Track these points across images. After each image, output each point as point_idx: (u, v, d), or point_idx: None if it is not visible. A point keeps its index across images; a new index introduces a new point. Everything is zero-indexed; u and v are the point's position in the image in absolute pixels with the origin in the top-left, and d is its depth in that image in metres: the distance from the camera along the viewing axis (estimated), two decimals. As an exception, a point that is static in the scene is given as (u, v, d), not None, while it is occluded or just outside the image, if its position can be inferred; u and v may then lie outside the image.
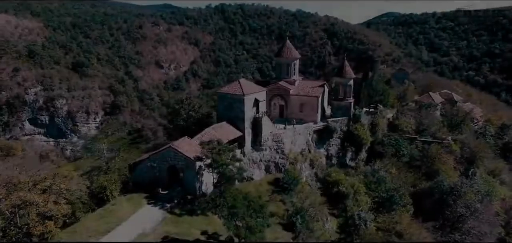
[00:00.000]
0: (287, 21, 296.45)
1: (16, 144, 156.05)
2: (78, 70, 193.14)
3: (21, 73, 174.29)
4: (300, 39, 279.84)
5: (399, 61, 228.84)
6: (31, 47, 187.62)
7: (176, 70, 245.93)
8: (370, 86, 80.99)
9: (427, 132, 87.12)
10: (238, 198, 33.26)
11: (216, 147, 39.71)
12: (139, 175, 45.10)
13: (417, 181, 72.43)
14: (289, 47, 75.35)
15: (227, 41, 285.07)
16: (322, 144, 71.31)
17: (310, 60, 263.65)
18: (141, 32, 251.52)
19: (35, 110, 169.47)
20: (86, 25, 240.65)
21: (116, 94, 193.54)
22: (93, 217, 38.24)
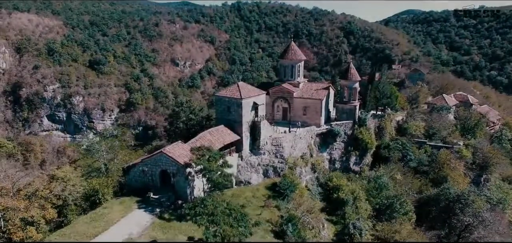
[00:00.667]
0: (303, 19, 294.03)
1: (34, 139, 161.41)
2: (95, 67, 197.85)
3: (40, 70, 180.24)
4: (316, 37, 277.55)
5: (417, 61, 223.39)
6: (50, 45, 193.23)
7: (191, 68, 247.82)
8: (377, 89, 79.10)
9: (437, 136, 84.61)
10: (220, 206, 33.05)
11: (205, 153, 39.65)
12: (133, 178, 45.58)
13: (424, 188, 70.40)
14: (293, 49, 74.37)
15: (243, 39, 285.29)
16: (326, 147, 70.28)
17: (326, 59, 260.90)
18: (157, 30, 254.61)
19: (53, 107, 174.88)
20: (104, 23, 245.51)
21: (131, 91, 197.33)
22: (84, 220, 38.84)
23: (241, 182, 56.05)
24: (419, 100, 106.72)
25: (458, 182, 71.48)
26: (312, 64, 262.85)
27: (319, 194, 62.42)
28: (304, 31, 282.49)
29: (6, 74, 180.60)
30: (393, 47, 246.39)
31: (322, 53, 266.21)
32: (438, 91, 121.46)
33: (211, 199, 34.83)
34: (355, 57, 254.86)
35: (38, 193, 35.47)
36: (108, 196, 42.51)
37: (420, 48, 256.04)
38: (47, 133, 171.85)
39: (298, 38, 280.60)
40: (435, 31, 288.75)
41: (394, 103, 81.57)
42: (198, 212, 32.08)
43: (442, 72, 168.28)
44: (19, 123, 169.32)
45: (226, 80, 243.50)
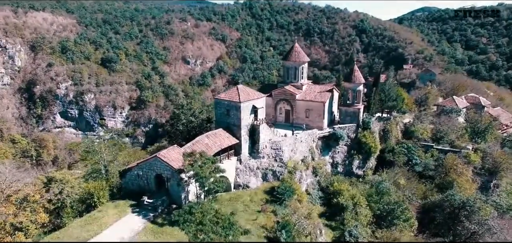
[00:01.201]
0: (315, 18, 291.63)
1: (47, 136, 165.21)
2: (107, 65, 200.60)
3: (54, 68, 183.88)
4: (328, 36, 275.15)
5: (431, 60, 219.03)
6: (64, 43, 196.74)
7: (202, 66, 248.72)
8: (382, 91, 77.70)
9: (445, 140, 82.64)
10: (208, 214, 32.91)
11: (197, 159, 39.60)
12: (129, 182, 45.94)
13: (429, 193, 68.89)
14: (297, 51, 73.71)
15: (254, 37, 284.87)
16: (328, 151, 69.55)
17: (338, 58, 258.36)
18: (169, 28, 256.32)
19: (65, 104, 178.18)
20: (116, 21, 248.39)
21: (142, 89, 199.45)
22: (78, 223, 39.31)
23: (239, 185, 55.92)
24: (428, 102, 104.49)
25: (464, 188, 69.72)
26: (323, 62, 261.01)
27: (319, 199, 61.82)
28: (316, 29, 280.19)
29: (21, 72, 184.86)
30: (406, 46, 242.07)
31: (334, 52, 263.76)
32: (449, 92, 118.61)
33: (200, 207, 34.75)
34: (367, 56, 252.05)
35: (29, 198, 36.06)
36: (104, 199, 42.91)
37: (434, 47, 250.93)
38: (60, 129, 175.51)
39: (309, 37, 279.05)
40: (451, 30, 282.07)
41: (400, 106, 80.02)
42: (186, 220, 32.00)
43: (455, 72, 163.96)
44: (33, 120, 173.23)
45: (236, 78, 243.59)
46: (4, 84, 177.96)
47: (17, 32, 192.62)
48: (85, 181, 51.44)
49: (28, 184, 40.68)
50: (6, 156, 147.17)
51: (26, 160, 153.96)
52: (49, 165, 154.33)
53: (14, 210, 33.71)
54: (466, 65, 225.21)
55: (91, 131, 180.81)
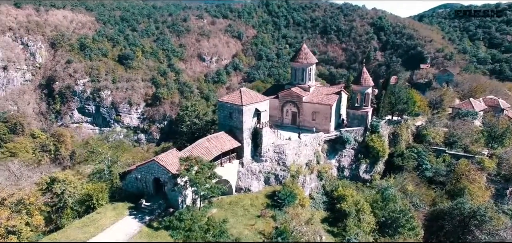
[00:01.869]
0: (333, 15, 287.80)
1: (65, 131, 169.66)
2: (123, 62, 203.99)
3: (72, 65, 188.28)
4: (345, 33, 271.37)
5: (451, 58, 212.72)
6: (82, 41, 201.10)
7: (217, 63, 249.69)
8: (393, 94, 75.74)
9: (458, 144, 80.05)
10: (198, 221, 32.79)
11: (193, 164, 39.60)
12: (129, 184, 46.44)
13: (438, 200, 66.96)
14: (305, 52, 72.62)
15: (270, 35, 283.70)
16: (334, 154, 68.39)
17: (354, 56, 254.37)
18: (185, 25, 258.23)
19: (83, 100, 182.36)
20: (134, 18, 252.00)
21: (158, 86, 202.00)
22: (76, 224, 40.03)
23: (241, 189, 55.81)
24: (443, 104, 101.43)
25: (476, 196, 67.45)
26: (340, 60, 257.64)
27: (323, 203, 61.00)
28: (333, 27, 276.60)
29: (42, 68, 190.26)
30: (426, 44, 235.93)
31: (351, 50, 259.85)
32: (466, 94, 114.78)
33: (190, 213, 34.71)
34: (384, 54, 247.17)
35: (24, 201, 36.95)
36: (103, 201, 43.54)
37: (455, 45, 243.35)
38: (77, 125, 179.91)
39: (326, 34, 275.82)
40: (474, 27, 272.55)
41: (411, 109, 77.79)
42: (175, 226, 32.04)
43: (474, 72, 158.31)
44: (52, 115, 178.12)
45: (252, 76, 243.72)
46: (26, 80, 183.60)
47: (39, 29, 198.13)
48: (89, 181, 52.50)
49: (24, 188, 41.61)
50: (26, 150, 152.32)
51: (45, 154, 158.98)
52: (67, 159, 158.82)
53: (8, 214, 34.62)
54: (489, 64, 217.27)
55: (107, 127, 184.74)
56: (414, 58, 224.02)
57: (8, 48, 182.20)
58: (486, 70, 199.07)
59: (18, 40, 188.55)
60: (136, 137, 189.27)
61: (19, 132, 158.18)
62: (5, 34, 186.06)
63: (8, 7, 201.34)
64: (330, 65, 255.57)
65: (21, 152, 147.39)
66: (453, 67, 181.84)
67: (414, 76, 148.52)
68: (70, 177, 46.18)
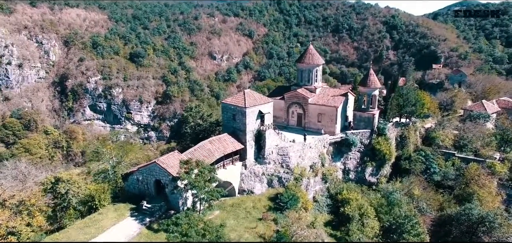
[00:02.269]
0: (345, 13, 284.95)
1: (77, 128, 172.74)
2: (135, 60, 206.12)
3: (85, 62, 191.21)
4: (357, 32, 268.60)
5: (466, 58, 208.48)
6: (95, 39, 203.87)
7: (228, 62, 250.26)
8: (400, 95, 74.43)
9: (468, 147, 78.33)
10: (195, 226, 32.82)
11: (193, 167, 39.66)
12: (131, 185, 46.81)
13: (446, 204, 65.50)
14: (311, 53, 72.01)
15: (281, 33, 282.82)
16: (340, 157, 67.72)
17: (366, 54, 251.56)
18: (196, 24, 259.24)
19: (95, 97, 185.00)
20: (145, 16, 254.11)
21: (168, 84, 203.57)
22: (78, 225, 40.57)
23: (244, 191, 55.73)
24: (454, 106, 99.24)
25: (486, 201, 65.80)
26: (351, 59, 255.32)
27: (327, 207, 60.50)
28: (345, 25, 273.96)
29: (55, 66, 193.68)
30: (440, 43, 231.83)
31: (363, 49, 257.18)
32: (479, 95, 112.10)
33: (187, 218, 34.78)
34: (397, 53, 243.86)
35: (26, 203, 37.61)
36: (105, 202, 43.99)
37: (470, 44, 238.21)
38: (89, 122, 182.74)
39: (338, 33, 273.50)
40: (490, 25, 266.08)
41: (419, 111, 76.29)
42: (172, 230, 32.17)
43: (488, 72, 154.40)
44: (64, 112, 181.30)
45: (262, 74, 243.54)
46: (40, 78, 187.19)
47: (53, 28, 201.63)
48: (94, 180, 53.20)
49: (25, 189, 42.32)
50: (39, 146, 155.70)
51: (57, 151, 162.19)
52: (78, 156, 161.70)
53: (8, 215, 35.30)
54: (506, 64, 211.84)
55: (119, 124, 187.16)
56: (427, 58, 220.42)
57: (24, 46, 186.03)
58: (502, 70, 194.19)
59: (33, 38, 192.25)
60: (147, 134, 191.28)
61: (33, 129, 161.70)
62: (21, 33, 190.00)
63: (24, 6, 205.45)
64: (341, 64, 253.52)
65: (35, 148, 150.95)
66: (467, 66, 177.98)
67: (426, 76, 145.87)
68: (74, 177, 46.84)
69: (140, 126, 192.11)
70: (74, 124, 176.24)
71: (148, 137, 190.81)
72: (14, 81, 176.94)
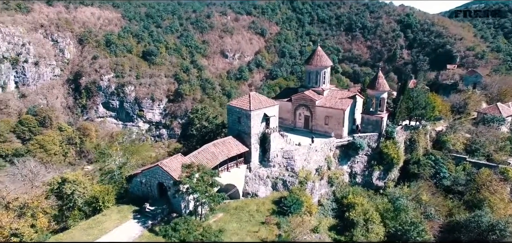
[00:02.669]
0: (358, 12, 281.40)
1: (91, 125, 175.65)
2: (147, 58, 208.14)
3: (98, 60, 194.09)
4: (371, 31, 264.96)
5: (483, 57, 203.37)
6: (108, 37, 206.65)
7: (240, 60, 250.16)
8: (410, 98, 73.07)
9: (480, 152, 76.52)
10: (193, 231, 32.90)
11: (194, 172, 39.78)
12: (135, 187, 47.33)
13: (455, 210, 64.19)
14: (319, 55, 71.39)
15: (294, 32, 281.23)
16: (347, 160, 67.02)
17: (380, 54, 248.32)
18: (208, 22, 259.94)
19: (107, 95, 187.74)
20: (158, 14, 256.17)
21: (180, 82, 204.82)
22: (81, 226, 41.24)
23: (248, 194, 55.72)
24: (468, 108, 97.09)
25: (497, 208, 64.19)
26: (364, 58, 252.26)
27: (332, 210, 59.94)
28: (358, 24, 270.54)
29: (70, 64, 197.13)
30: (456, 42, 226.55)
31: (376, 48, 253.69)
32: (494, 97, 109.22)
33: (186, 223, 34.92)
34: (411, 52, 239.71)
35: (29, 205, 38.39)
36: (109, 203, 44.55)
37: (488, 43, 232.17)
38: (102, 119, 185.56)
39: (351, 31, 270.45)
40: (510, 23, 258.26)
41: (429, 115, 74.74)
42: (170, 236, 32.36)
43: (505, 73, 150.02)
44: (78, 109, 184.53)
45: (274, 73, 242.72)
46: (55, 76, 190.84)
47: (68, 26, 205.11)
48: (100, 181, 53.96)
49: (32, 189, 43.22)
50: (53, 142, 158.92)
51: (71, 147, 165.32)
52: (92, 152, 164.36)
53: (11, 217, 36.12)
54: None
55: (131, 122, 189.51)
56: (442, 57, 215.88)
57: (40, 45, 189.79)
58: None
59: (48, 37, 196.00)
60: (158, 132, 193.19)
61: (47, 125, 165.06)
62: (37, 31, 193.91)
63: (40, 5, 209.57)
64: (354, 63, 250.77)
65: (49, 144, 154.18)
66: (484, 67, 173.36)
67: (440, 77, 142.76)
68: (80, 177, 47.53)
69: (151, 123, 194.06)
70: (87, 121, 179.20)
71: (160, 134, 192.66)
72: (31, 79, 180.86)
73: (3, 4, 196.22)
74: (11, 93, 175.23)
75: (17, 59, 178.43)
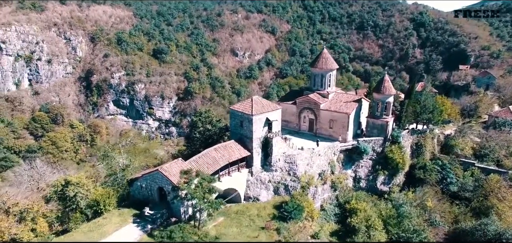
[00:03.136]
0: (370, 10, 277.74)
1: (101, 123, 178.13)
2: (158, 56, 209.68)
3: (109, 58, 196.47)
4: (383, 29, 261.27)
5: (498, 57, 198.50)
6: (119, 35, 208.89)
7: (250, 58, 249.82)
8: (417, 102, 71.81)
9: (490, 157, 74.80)
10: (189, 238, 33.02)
11: (192, 178, 39.92)
12: (136, 190, 47.81)
13: (462, 217, 62.98)
14: (325, 57, 70.79)
15: (305, 30, 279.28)
16: (351, 164, 66.41)
17: (391, 53, 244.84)
18: (219, 20, 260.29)
19: (118, 93, 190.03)
20: (169, 13, 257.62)
21: (190, 80, 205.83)
22: (82, 229, 41.90)
23: (249, 198, 55.72)
24: (478, 111, 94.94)
25: (506, 216, 62.68)
26: (376, 57, 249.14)
27: (334, 216, 59.55)
28: (370, 22, 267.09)
29: (82, 62, 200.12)
30: (470, 41, 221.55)
31: (388, 46, 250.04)
32: (508, 100, 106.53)
33: (181, 231, 35.09)
34: (424, 51, 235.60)
35: (29, 211, 39.13)
36: (110, 207, 45.10)
37: (505, 42, 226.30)
38: (112, 117, 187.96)
39: (362, 30, 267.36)
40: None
41: (437, 119, 73.25)
42: None
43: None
44: (89, 107, 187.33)
45: (284, 71, 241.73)
46: (67, 73, 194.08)
47: (80, 24, 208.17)
48: (104, 183, 54.67)
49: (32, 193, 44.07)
50: (65, 139, 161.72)
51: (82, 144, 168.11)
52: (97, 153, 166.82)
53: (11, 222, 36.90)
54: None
55: (140, 120, 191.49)
56: (456, 56, 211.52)
57: (53, 43, 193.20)
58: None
59: (61, 35, 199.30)
60: (168, 130, 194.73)
61: (59, 122, 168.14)
62: (51, 30, 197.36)
63: (54, 3, 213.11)
64: (365, 62, 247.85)
65: (61, 141, 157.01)
66: (499, 67, 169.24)
67: (452, 78, 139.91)
68: (83, 180, 48.20)
69: (161, 121, 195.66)
70: (98, 118, 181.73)
71: (169, 132, 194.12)
72: (44, 76, 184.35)
73: (18, 3, 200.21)
74: (25, 90, 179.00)
75: (31, 57, 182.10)
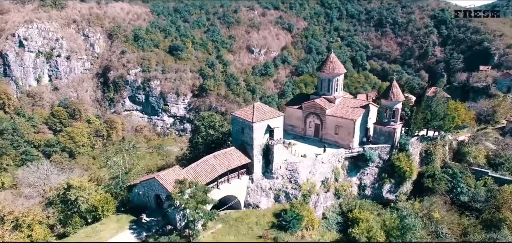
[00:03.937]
0: (389, 6, 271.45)
1: (117, 119, 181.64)
2: (173, 53, 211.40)
3: (126, 55, 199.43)
4: (402, 27, 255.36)
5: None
6: (136, 32, 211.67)
7: (266, 56, 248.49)
8: (428, 107, 69.48)
9: (505, 166, 71.85)
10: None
11: (183, 189, 39.88)
12: (134, 197, 48.33)
13: (471, 229, 60.69)
14: (332, 62, 69.32)
15: (322, 27, 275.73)
16: (356, 172, 65.11)
17: (410, 51, 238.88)
18: (235, 17, 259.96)
19: (134, 89, 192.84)
20: (186, 9, 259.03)
21: (205, 77, 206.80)
22: (80, 234, 42.71)
23: (249, 205, 55.47)
24: (496, 116, 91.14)
25: (519, 230, 60.14)
26: (394, 55, 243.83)
27: (337, 224, 58.62)
28: (389, 19, 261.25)
29: (99, 58, 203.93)
30: (495, 39, 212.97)
31: (407, 44, 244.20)
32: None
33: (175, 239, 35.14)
34: (444, 49, 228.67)
35: (24, 219, 40.08)
36: (109, 212, 45.75)
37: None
38: (128, 113, 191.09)
39: (381, 27, 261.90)
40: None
41: (448, 126, 70.60)
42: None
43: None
44: (106, 103, 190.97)
45: (300, 69, 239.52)
46: (85, 70, 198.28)
47: (98, 21, 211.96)
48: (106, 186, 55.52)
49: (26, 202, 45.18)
50: (82, 134, 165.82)
51: (98, 139, 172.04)
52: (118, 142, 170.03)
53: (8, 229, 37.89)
54: None
55: (156, 116, 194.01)
56: (478, 55, 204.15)
57: (72, 40, 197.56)
58: None
59: (80, 32, 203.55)
60: (182, 126, 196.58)
61: (77, 118, 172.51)
62: (70, 27, 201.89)
63: (74, 1, 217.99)
64: (383, 60, 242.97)
65: (78, 136, 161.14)
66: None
67: (471, 79, 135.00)
68: (85, 183, 49.06)
69: (176, 118, 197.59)
70: (114, 114, 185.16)
71: (184, 129, 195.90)
72: (63, 72, 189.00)
73: (40, 1, 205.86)
74: (45, 86, 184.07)
75: (51, 54, 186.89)
